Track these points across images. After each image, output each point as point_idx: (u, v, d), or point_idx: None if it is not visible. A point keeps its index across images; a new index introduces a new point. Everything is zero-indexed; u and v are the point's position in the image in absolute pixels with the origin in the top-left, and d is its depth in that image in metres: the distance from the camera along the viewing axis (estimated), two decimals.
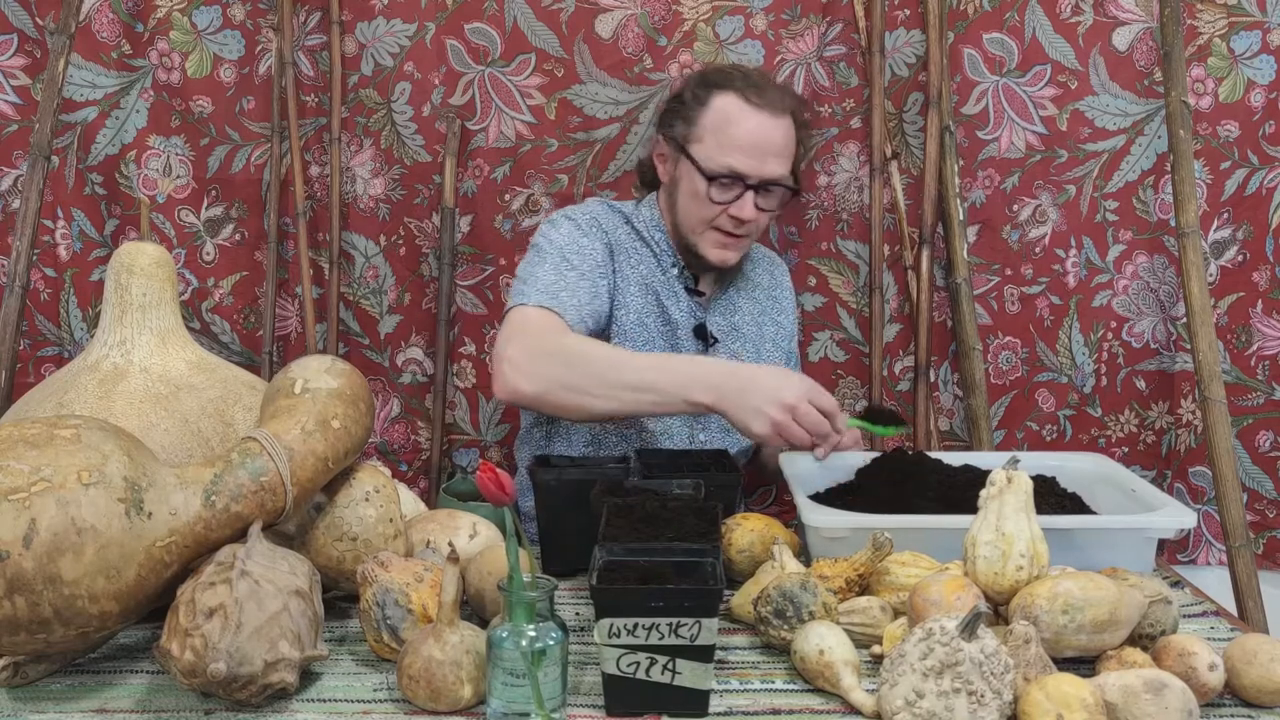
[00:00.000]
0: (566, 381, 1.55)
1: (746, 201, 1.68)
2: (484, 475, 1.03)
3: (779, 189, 1.71)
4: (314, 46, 2.12)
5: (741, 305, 1.86)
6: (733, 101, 1.68)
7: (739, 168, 1.67)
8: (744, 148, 1.67)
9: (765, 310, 1.89)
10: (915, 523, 1.40)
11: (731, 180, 1.68)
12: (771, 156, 1.68)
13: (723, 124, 1.68)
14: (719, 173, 1.67)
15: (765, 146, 1.67)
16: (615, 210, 1.83)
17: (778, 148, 1.69)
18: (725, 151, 1.67)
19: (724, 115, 1.68)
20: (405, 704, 1.10)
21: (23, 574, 1.02)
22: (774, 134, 1.68)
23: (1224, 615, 1.36)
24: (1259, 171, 2.09)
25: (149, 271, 1.43)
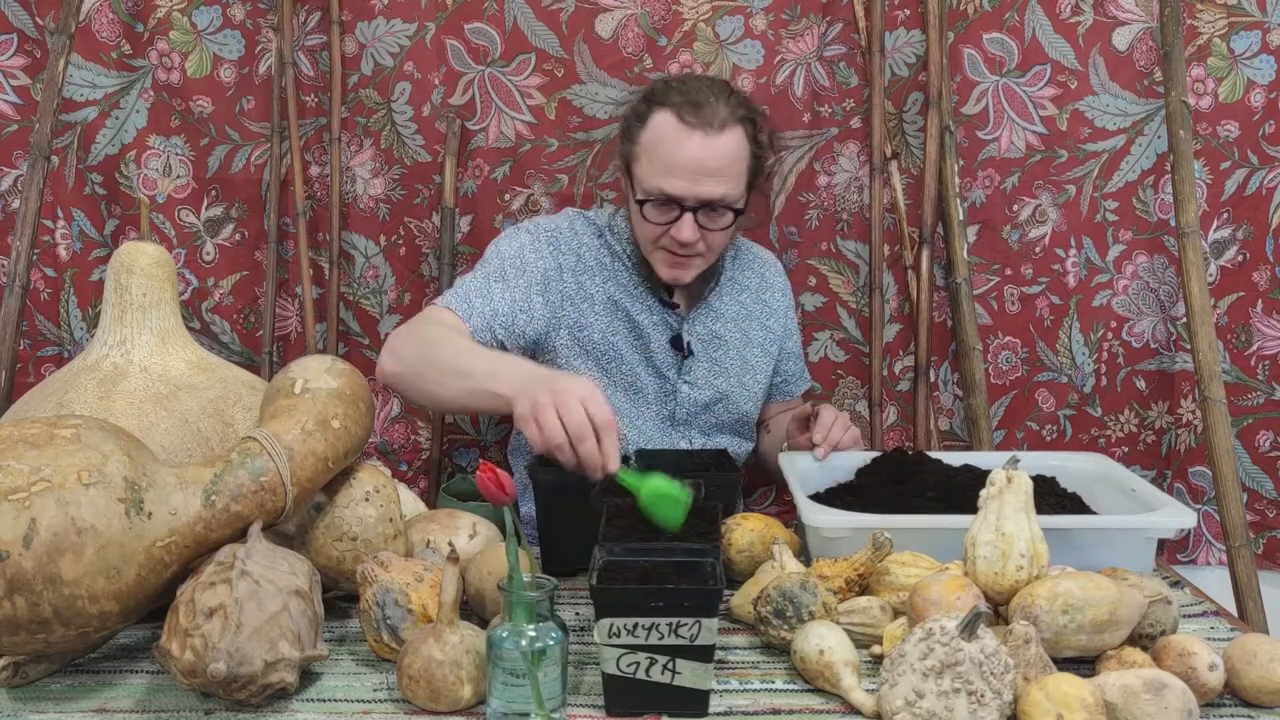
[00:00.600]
0: (419, 368, 1.54)
1: (684, 224, 1.61)
2: (484, 475, 1.04)
3: (725, 208, 1.63)
4: (314, 46, 2.12)
5: (725, 311, 1.81)
6: (668, 121, 1.61)
7: (670, 191, 1.60)
8: (675, 170, 1.60)
9: (751, 314, 1.85)
10: (915, 523, 1.40)
11: (666, 202, 1.62)
12: (707, 177, 1.59)
13: (656, 144, 1.62)
14: (651, 195, 1.62)
15: (698, 168, 1.59)
16: (590, 223, 1.80)
17: (714, 168, 1.60)
18: (657, 173, 1.61)
19: (658, 135, 1.62)
20: (405, 704, 1.10)
21: (23, 574, 1.02)
22: (709, 154, 1.59)
23: (1224, 615, 1.36)
24: (1259, 171, 2.08)
25: (149, 271, 1.43)
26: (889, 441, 2.16)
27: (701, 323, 1.80)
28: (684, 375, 1.78)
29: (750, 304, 1.86)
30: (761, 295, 1.88)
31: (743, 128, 1.63)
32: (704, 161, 1.59)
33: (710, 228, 1.64)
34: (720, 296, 1.82)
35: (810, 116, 2.11)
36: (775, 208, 2.13)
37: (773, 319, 1.88)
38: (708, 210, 1.62)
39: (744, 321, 1.84)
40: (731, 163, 1.62)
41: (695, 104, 1.60)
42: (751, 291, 1.87)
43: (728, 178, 1.61)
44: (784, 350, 1.93)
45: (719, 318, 1.81)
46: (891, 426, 2.17)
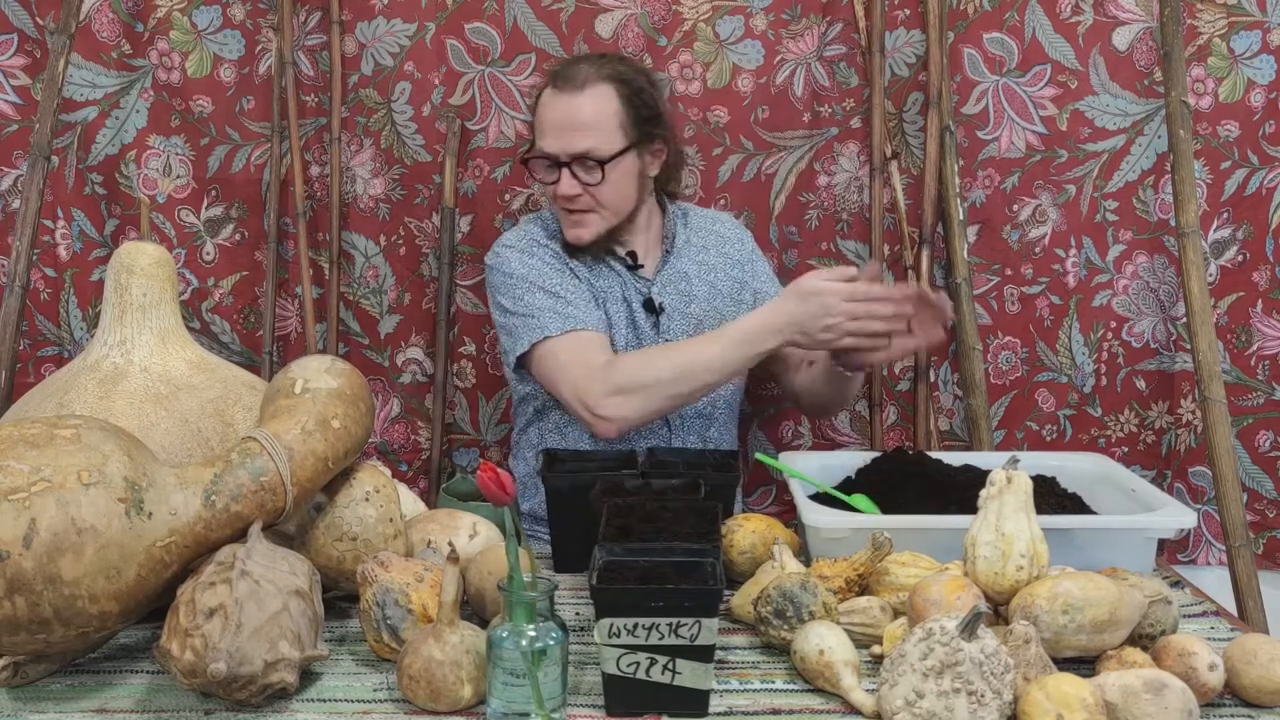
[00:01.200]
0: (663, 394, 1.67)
1: (562, 179, 1.75)
2: (484, 475, 1.03)
3: (594, 162, 1.74)
4: (314, 46, 2.12)
5: (688, 270, 1.88)
6: (546, 93, 1.79)
7: (545, 148, 1.76)
8: (546, 129, 1.76)
9: (715, 268, 1.90)
10: (915, 523, 1.40)
11: (548, 163, 1.77)
12: (574, 131, 1.74)
13: (539, 113, 1.79)
14: (533, 155, 1.79)
15: (566, 124, 1.74)
16: (547, 220, 1.90)
17: (579, 121, 1.74)
18: (539, 136, 1.79)
19: (540, 105, 1.79)
20: (405, 704, 1.10)
21: (23, 574, 1.02)
22: (574, 110, 1.74)
23: (1224, 615, 1.36)
24: (1259, 171, 2.08)
25: (149, 271, 1.43)
26: (889, 441, 2.16)
27: (669, 283, 1.86)
28: (662, 334, 1.84)
29: (711, 259, 1.91)
30: (722, 249, 1.93)
31: (611, 85, 1.76)
32: (569, 117, 1.74)
33: (587, 181, 1.76)
34: (680, 258, 1.89)
35: (810, 116, 2.11)
36: (775, 208, 2.13)
37: (736, 268, 1.92)
38: (581, 165, 1.75)
39: (709, 275, 1.89)
40: (598, 116, 1.75)
41: (566, 71, 1.78)
42: (709, 249, 1.92)
43: (593, 131, 1.74)
44: (760, 294, 1.92)
45: (684, 277, 1.87)
46: (891, 426, 2.17)
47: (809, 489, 1.54)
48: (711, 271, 1.89)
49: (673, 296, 1.85)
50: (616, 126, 1.76)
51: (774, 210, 2.13)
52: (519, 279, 1.80)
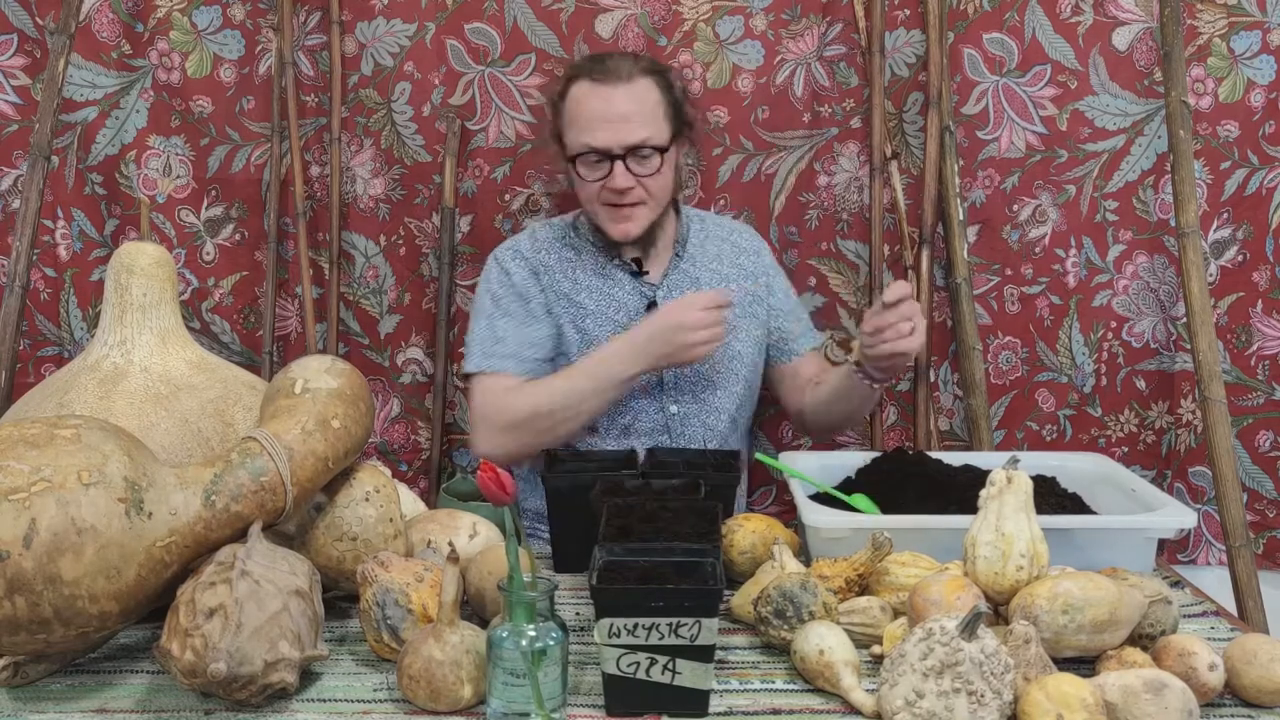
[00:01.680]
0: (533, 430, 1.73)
1: (617, 172, 1.73)
2: (484, 475, 1.03)
3: (650, 150, 1.74)
4: (314, 46, 2.12)
5: (700, 276, 1.88)
6: (582, 86, 1.76)
7: (595, 143, 1.74)
8: (597, 123, 1.74)
9: (726, 277, 1.89)
10: (915, 523, 1.40)
11: (597, 157, 1.74)
12: (625, 123, 1.73)
13: (577, 107, 1.77)
14: (580, 151, 1.76)
15: (615, 116, 1.73)
16: (555, 227, 1.91)
17: (629, 113, 1.73)
18: (583, 131, 1.75)
19: (576, 100, 1.77)
20: (405, 704, 1.10)
21: (23, 574, 1.02)
22: (621, 102, 1.73)
23: (1224, 615, 1.36)
24: (1259, 171, 2.08)
25: (149, 271, 1.43)
26: (889, 441, 2.16)
27: (676, 287, 1.86)
28: None
29: (725, 269, 1.90)
30: (736, 260, 1.92)
31: (651, 78, 1.77)
32: (620, 109, 1.73)
33: (641, 172, 1.75)
34: (692, 263, 1.89)
35: (810, 116, 2.11)
36: (775, 208, 2.13)
37: (750, 280, 1.91)
38: (635, 156, 1.74)
39: (719, 284, 1.88)
40: (646, 107, 1.75)
41: (602, 65, 1.77)
42: (724, 259, 1.91)
43: (646, 121, 1.74)
44: (774, 309, 1.92)
45: (694, 283, 1.87)
46: (891, 426, 2.17)
47: (809, 489, 1.54)
48: (724, 281, 1.88)
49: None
50: (664, 116, 1.77)
51: (774, 210, 2.13)
52: (481, 297, 1.87)
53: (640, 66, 1.77)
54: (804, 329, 1.97)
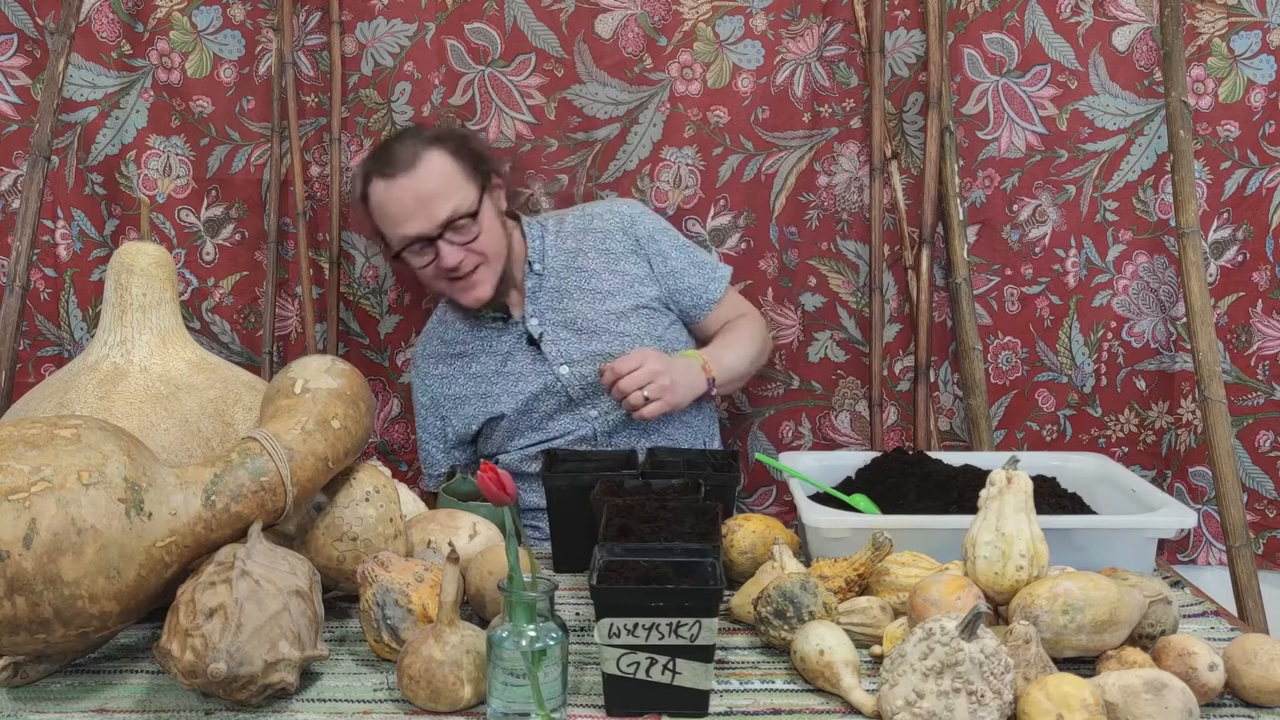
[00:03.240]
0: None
1: (443, 252, 1.76)
2: (485, 475, 1.03)
3: (463, 218, 1.76)
4: (314, 46, 2.12)
5: (564, 285, 1.88)
6: (377, 186, 1.78)
7: (410, 233, 1.76)
8: (403, 216, 1.76)
9: (591, 271, 1.88)
10: (915, 523, 1.40)
11: (419, 245, 1.77)
12: (429, 203, 1.75)
13: (380, 209, 1.79)
14: (400, 247, 1.80)
15: (416, 202, 1.75)
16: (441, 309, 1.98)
17: (429, 193, 1.75)
18: (394, 226, 1.78)
19: (376, 202, 1.79)
20: (405, 704, 1.10)
21: (23, 574, 1.02)
22: (419, 187, 1.75)
23: (1224, 615, 1.36)
24: (1259, 171, 2.08)
25: (149, 271, 1.43)
26: (889, 441, 2.16)
27: (546, 309, 1.87)
28: (551, 362, 1.84)
29: (588, 263, 1.89)
30: (600, 246, 1.90)
31: (436, 148, 1.79)
32: (419, 193, 1.75)
33: (464, 240, 1.77)
34: (552, 275, 1.89)
35: (810, 116, 2.11)
36: (775, 208, 2.13)
37: (623, 262, 1.89)
38: (452, 229, 1.76)
39: (588, 283, 1.88)
40: (442, 181, 1.77)
41: (387, 158, 1.78)
42: (586, 251, 1.90)
43: (447, 194, 1.76)
44: (665, 274, 1.91)
45: (561, 295, 1.87)
46: (891, 426, 2.17)
47: (809, 489, 1.54)
48: (592, 278, 1.88)
49: (552, 318, 1.86)
50: (464, 181, 1.79)
51: (774, 210, 2.13)
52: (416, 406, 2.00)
53: (424, 140, 1.79)
54: (705, 278, 1.94)
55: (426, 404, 1.96)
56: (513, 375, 1.87)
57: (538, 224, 1.94)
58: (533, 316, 1.87)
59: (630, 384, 1.67)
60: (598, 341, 1.84)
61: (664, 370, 1.69)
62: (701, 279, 1.93)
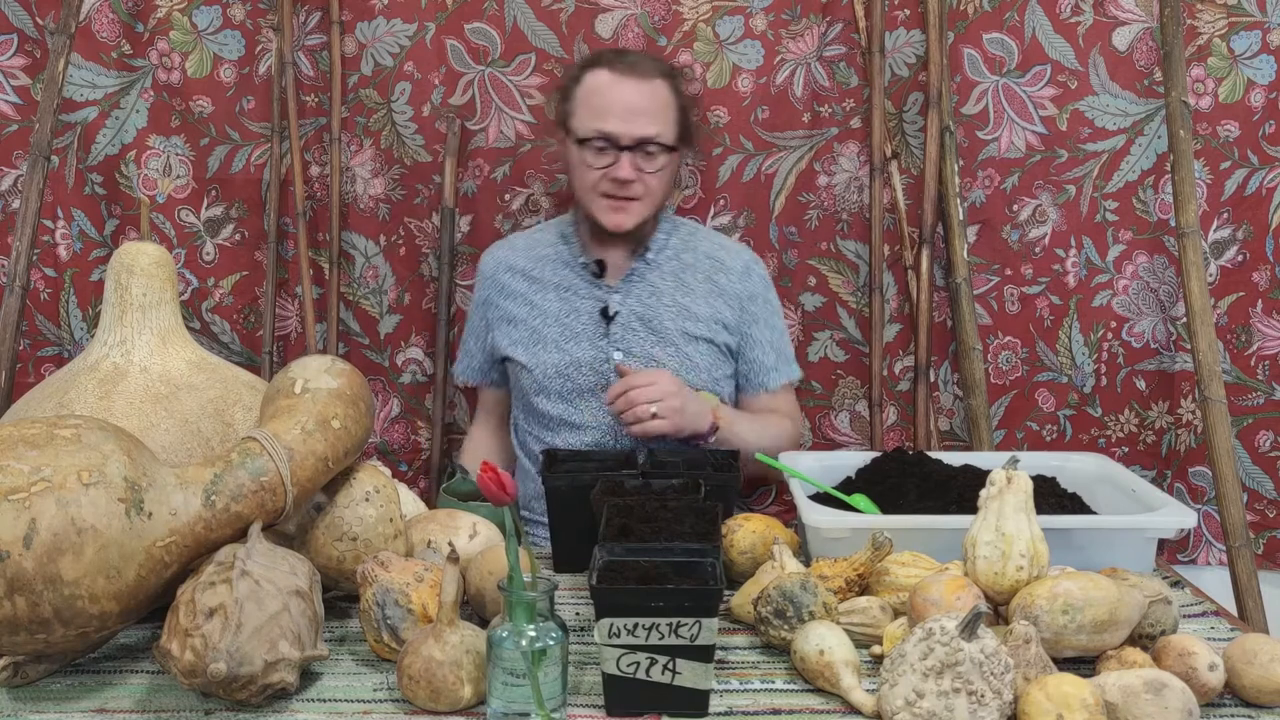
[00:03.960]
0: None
1: (622, 162, 1.76)
2: (484, 475, 1.03)
3: (657, 148, 1.77)
4: (314, 46, 2.12)
5: (661, 285, 1.87)
6: (602, 74, 1.79)
7: (607, 129, 1.76)
8: (610, 111, 1.76)
9: (694, 291, 1.87)
10: (915, 523, 1.40)
11: (605, 143, 1.76)
12: (639, 116, 1.76)
13: (591, 94, 1.79)
14: (589, 136, 1.77)
15: (631, 108, 1.76)
16: (550, 228, 1.97)
17: (644, 108, 1.77)
18: (594, 117, 1.78)
19: (592, 87, 1.80)
20: (405, 704, 1.10)
21: (23, 574, 1.02)
22: (639, 96, 1.77)
23: (1224, 615, 1.36)
24: (1259, 171, 2.08)
25: (149, 271, 1.43)
26: (889, 441, 2.16)
27: (633, 294, 1.86)
28: (614, 342, 1.83)
29: (693, 281, 1.89)
30: (712, 275, 1.90)
31: (666, 81, 1.81)
32: (636, 102, 1.77)
33: (646, 169, 1.78)
34: (657, 270, 1.89)
35: (810, 116, 2.11)
36: (775, 208, 2.13)
37: (721, 299, 1.88)
38: (642, 151, 1.77)
39: (682, 297, 1.87)
40: (661, 106, 1.79)
41: (624, 60, 1.81)
42: (698, 270, 1.90)
43: (658, 119, 1.78)
44: (747, 336, 1.90)
45: (654, 291, 1.87)
46: (891, 426, 2.17)
47: (809, 489, 1.54)
48: (688, 293, 1.87)
49: (633, 305, 1.85)
50: (674, 120, 1.81)
51: (774, 210, 2.13)
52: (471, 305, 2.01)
53: (659, 68, 1.82)
54: (779, 363, 1.93)
55: (479, 300, 1.96)
56: (571, 331, 1.85)
57: (670, 221, 1.94)
58: (618, 292, 1.86)
59: (642, 396, 1.66)
60: (661, 350, 1.83)
61: (677, 393, 1.68)
62: (771, 362, 1.93)
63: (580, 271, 1.88)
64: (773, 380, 1.92)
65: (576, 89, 1.81)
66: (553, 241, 1.92)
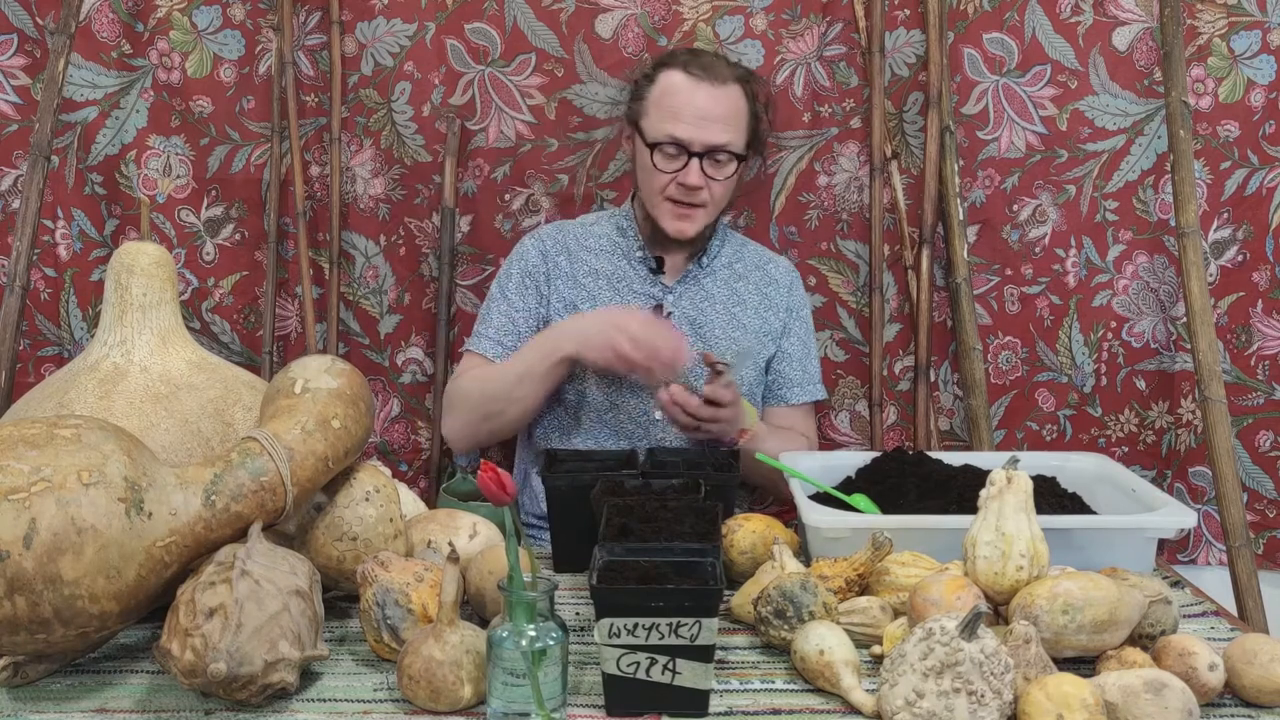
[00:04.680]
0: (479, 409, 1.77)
1: (692, 169, 1.74)
2: (484, 475, 1.03)
3: (727, 156, 1.75)
4: (314, 46, 2.12)
5: (715, 292, 1.87)
6: (676, 76, 1.76)
7: (679, 135, 1.73)
8: (684, 116, 1.73)
9: (745, 301, 1.88)
10: (915, 523, 1.40)
11: (676, 149, 1.74)
12: (713, 123, 1.73)
13: (664, 96, 1.76)
14: (661, 140, 1.75)
15: (705, 114, 1.73)
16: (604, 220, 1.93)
17: (719, 115, 1.74)
18: (667, 121, 1.74)
19: (666, 88, 1.77)
20: (405, 704, 1.10)
21: (23, 574, 1.02)
22: (714, 102, 1.74)
23: (1224, 615, 1.36)
24: (1259, 171, 2.08)
25: (149, 271, 1.43)
26: (889, 441, 2.16)
27: (686, 296, 1.86)
28: None
29: (745, 291, 1.90)
30: (763, 288, 1.91)
31: (741, 87, 1.78)
32: (710, 109, 1.74)
33: (714, 176, 1.76)
34: (711, 277, 1.89)
35: (810, 116, 2.11)
36: (775, 208, 2.13)
37: (770, 312, 1.90)
38: (712, 158, 1.75)
39: (734, 306, 1.88)
40: (734, 113, 1.76)
41: (701, 62, 1.77)
42: (749, 281, 1.91)
43: (730, 126, 1.75)
44: (782, 349, 1.92)
45: (707, 296, 1.87)
46: (891, 426, 2.17)
47: (809, 489, 1.54)
48: (740, 303, 1.88)
49: (685, 307, 1.85)
50: (745, 128, 1.79)
51: (774, 210, 2.13)
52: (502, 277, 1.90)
53: (735, 74, 1.78)
54: (804, 379, 1.94)
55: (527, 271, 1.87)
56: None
57: (724, 229, 1.93)
58: (672, 293, 1.86)
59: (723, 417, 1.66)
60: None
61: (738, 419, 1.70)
62: (798, 378, 1.93)
63: (637, 266, 1.87)
64: (794, 396, 1.93)
65: (650, 89, 1.78)
66: (608, 233, 1.90)
